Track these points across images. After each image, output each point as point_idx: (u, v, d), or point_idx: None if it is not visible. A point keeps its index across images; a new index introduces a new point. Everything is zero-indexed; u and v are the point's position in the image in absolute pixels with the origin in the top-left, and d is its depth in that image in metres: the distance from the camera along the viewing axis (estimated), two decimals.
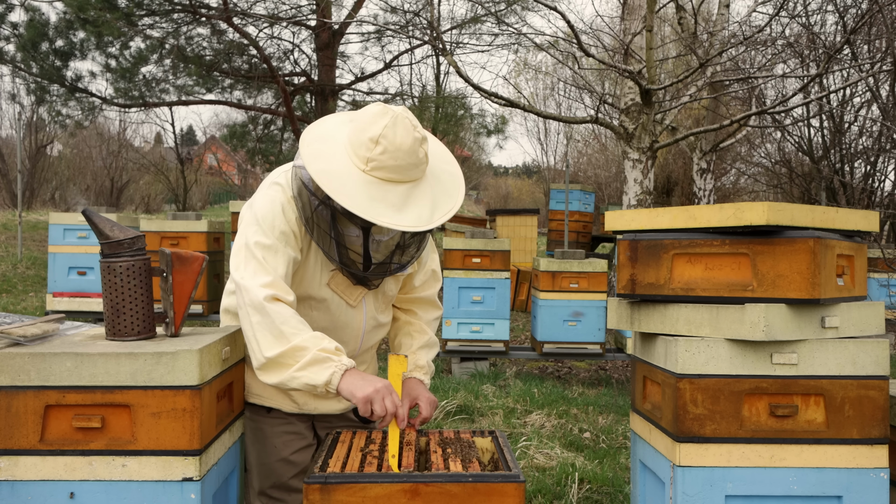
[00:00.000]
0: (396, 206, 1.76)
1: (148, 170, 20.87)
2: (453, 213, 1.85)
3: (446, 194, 1.86)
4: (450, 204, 1.85)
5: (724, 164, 13.82)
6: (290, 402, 2.09)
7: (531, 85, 22.83)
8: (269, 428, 2.12)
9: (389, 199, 1.76)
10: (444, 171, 1.91)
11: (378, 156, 1.76)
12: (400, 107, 1.83)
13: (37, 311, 7.78)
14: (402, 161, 1.76)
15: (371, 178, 1.77)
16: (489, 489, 1.57)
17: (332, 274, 1.98)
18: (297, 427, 2.13)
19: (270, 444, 2.12)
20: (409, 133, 1.76)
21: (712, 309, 1.97)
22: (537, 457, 4.13)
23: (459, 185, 1.91)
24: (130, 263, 1.86)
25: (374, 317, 2.10)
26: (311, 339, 1.79)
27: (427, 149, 1.81)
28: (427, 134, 1.90)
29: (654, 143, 6.88)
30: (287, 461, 2.11)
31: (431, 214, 1.79)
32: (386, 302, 2.13)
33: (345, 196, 1.74)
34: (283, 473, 2.11)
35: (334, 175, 1.76)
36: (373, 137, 1.76)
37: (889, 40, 7.33)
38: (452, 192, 1.89)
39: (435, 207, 1.81)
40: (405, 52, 13.61)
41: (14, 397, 1.64)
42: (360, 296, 2.03)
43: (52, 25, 11.83)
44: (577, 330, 6.30)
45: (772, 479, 1.92)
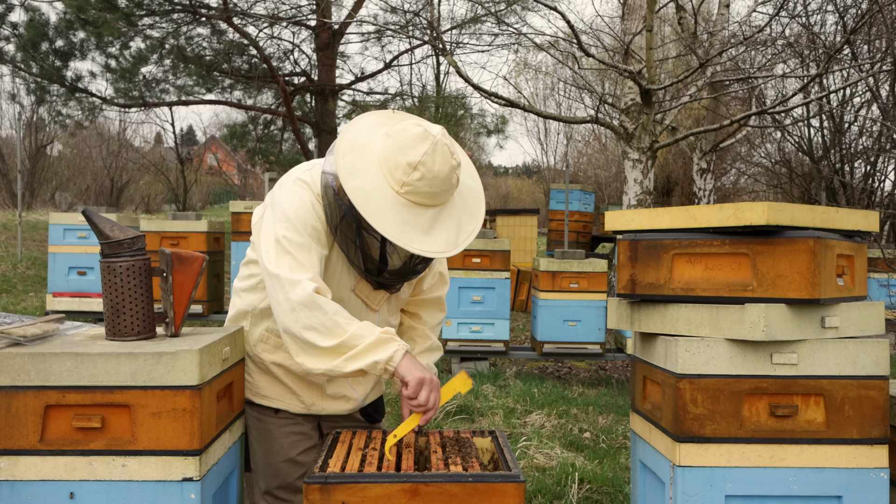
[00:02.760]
0: (425, 229, 1.78)
1: (148, 170, 20.88)
2: (476, 234, 1.87)
3: (469, 213, 1.88)
4: (472, 224, 1.88)
5: (724, 164, 13.82)
6: (298, 403, 2.09)
7: (531, 85, 22.84)
8: (276, 428, 2.12)
9: (419, 224, 1.78)
10: (467, 188, 1.92)
11: (415, 182, 1.77)
12: (438, 128, 1.82)
13: (37, 311, 7.78)
14: (437, 188, 1.78)
15: (404, 201, 1.79)
16: (489, 489, 1.57)
17: (358, 280, 1.99)
18: (303, 427, 2.13)
19: (277, 445, 2.12)
20: (447, 161, 1.77)
21: (712, 309, 1.97)
22: (537, 457, 4.13)
23: (481, 202, 1.93)
24: (130, 263, 1.86)
25: (387, 319, 2.12)
26: (366, 327, 1.81)
27: (459, 172, 1.83)
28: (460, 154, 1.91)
29: (654, 143, 6.88)
30: (294, 462, 2.11)
31: (457, 238, 1.83)
32: (398, 305, 2.16)
33: (379, 220, 1.75)
34: (290, 474, 2.11)
35: (369, 196, 1.76)
36: (411, 163, 1.76)
37: (889, 40, 7.33)
38: (475, 212, 1.91)
39: (460, 229, 1.84)
40: (405, 52, 13.62)
41: (14, 397, 1.64)
42: (381, 300, 2.06)
43: (52, 25, 11.84)
44: (577, 330, 6.30)
45: (772, 479, 1.92)
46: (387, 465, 1.69)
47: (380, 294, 2.04)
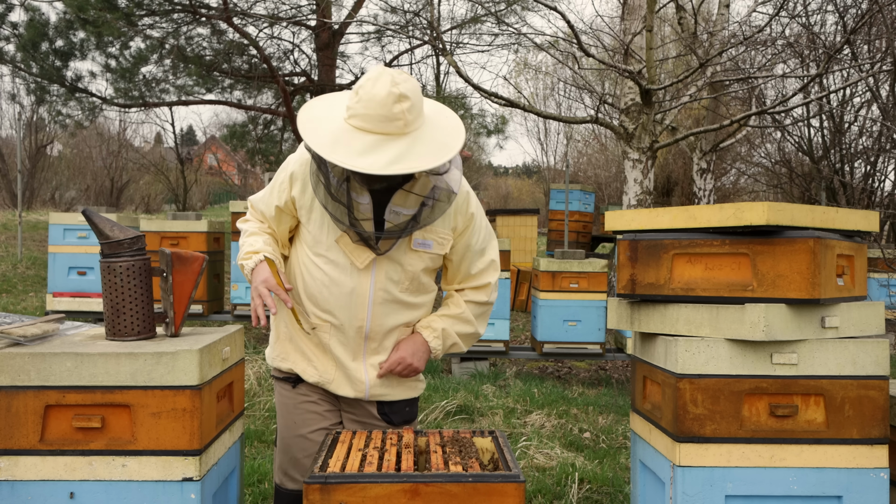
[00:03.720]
0: (358, 151, 1.83)
1: (148, 170, 20.87)
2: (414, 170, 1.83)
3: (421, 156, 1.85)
4: (417, 163, 1.84)
5: (724, 164, 13.82)
6: (312, 370, 2.15)
7: (531, 85, 22.84)
8: (292, 403, 2.19)
9: (354, 145, 1.84)
10: (435, 140, 1.91)
11: (355, 104, 1.87)
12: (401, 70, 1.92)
13: (37, 311, 7.78)
14: (372, 111, 1.83)
15: (346, 126, 1.88)
16: (489, 489, 1.57)
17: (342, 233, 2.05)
18: (320, 408, 2.18)
19: (291, 419, 2.18)
20: (385, 87, 1.83)
21: (712, 309, 1.97)
22: (537, 457, 4.13)
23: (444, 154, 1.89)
24: (130, 263, 1.86)
25: (388, 289, 2.07)
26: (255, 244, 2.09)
27: (407, 108, 1.84)
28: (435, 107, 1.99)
29: (654, 143, 6.88)
30: (304, 438, 2.16)
31: (388, 164, 1.81)
32: (407, 278, 2.10)
33: (314, 137, 1.87)
34: (299, 449, 2.16)
35: (316, 123, 1.92)
36: (356, 88, 1.89)
37: (889, 40, 7.33)
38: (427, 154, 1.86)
39: (397, 161, 1.82)
40: (405, 52, 13.61)
41: (14, 397, 1.64)
42: (366, 259, 2.04)
43: (52, 25, 11.83)
44: (577, 330, 6.30)
45: (772, 479, 1.92)
46: (386, 465, 1.69)
47: (363, 252, 2.04)
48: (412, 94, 1.86)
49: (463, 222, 2.12)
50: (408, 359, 2.11)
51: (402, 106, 1.84)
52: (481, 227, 2.19)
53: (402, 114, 1.84)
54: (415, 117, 1.88)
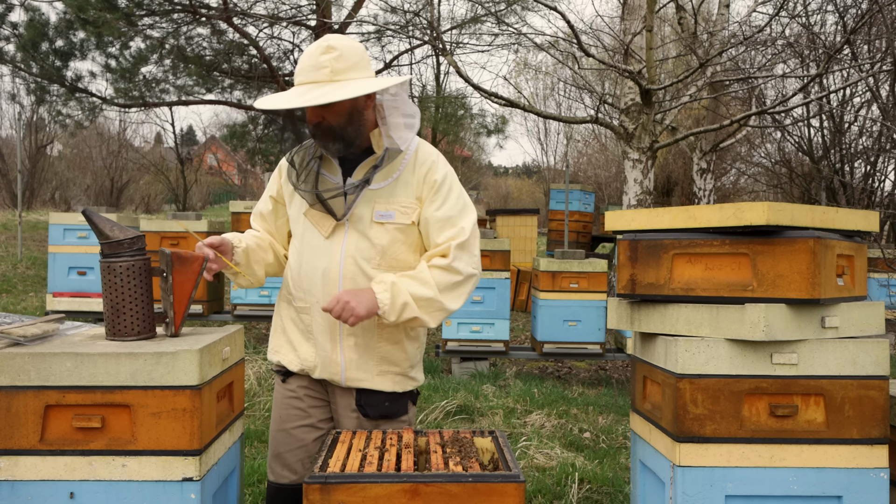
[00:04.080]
0: (289, 96, 2.03)
1: (148, 170, 20.87)
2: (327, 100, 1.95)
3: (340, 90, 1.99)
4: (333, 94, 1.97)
5: (724, 164, 13.82)
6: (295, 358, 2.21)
7: (531, 85, 22.85)
8: (280, 398, 2.26)
9: (288, 94, 2.05)
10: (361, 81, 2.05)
11: (297, 68, 2.07)
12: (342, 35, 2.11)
13: (37, 311, 7.78)
14: (304, 64, 2.04)
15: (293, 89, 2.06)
16: (489, 489, 1.57)
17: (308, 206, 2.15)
18: (304, 403, 2.22)
19: (277, 413, 2.25)
20: (317, 45, 2.05)
21: (712, 309, 1.97)
22: (537, 457, 4.13)
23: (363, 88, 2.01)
24: (130, 263, 1.86)
25: (358, 265, 2.10)
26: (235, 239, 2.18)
27: (333, 57, 2.01)
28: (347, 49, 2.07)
29: (654, 143, 6.88)
30: (287, 433, 2.22)
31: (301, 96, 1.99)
32: (377, 253, 2.10)
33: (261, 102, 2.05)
34: (282, 444, 2.22)
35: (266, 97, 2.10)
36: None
37: (889, 40, 7.33)
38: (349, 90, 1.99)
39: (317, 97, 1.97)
40: (405, 52, 13.61)
41: (14, 397, 1.65)
42: (329, 226, 2.11)
43: (52, 25, 11.83)
44: (577, 330, 6.30)
45: (772, 479, 1.92)
46: (386, 465, 1.69)
47: (327, 220, 2.12)
48: (341, 47, 2.03)
49: (428, 191, 2.13)
50: (346, 297, 1.98)
51: (329, 55, 2.01)
52: (450, 195, 2.13)
53: (329, 62, 2.01)
54: (344, 67, 2.02)
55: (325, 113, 2.05)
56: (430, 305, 2.05)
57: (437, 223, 2.11)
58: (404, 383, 2.21)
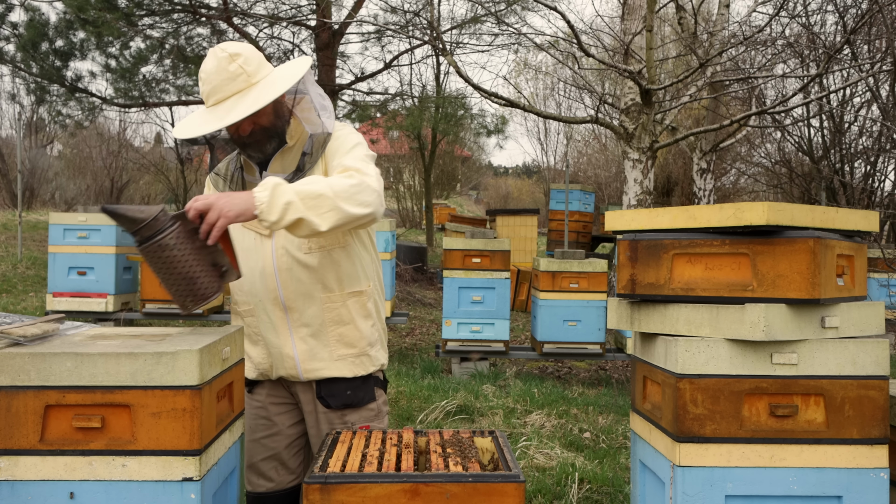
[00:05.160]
0: (220, 116, 1.96)
1: (148, 170, 20.85)
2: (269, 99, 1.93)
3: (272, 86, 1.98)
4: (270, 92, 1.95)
5: (724, 164, 13.82)
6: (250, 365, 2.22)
7: (531, 85, 22.84)
8: (248, 408, 2.26)
9: (217, 115, 1.97)
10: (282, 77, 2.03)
11: (203, 88, 2.00)
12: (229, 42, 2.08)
13: (37, 311, 7.77)
14: (214, 81, 1.97)
15: (209, 109, 2.01)
16: (489, 489, 1.57)
17: None
18: (268, 412, 2.23)
19: (247, 425, 2.26)
20: (215, 57, 1.97)
21: (712, 309, 1.97)
22: (537, 457, 4.13)
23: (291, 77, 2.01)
24: (178, 230, 1.81)
25: (289, 252, 2.08)
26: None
27: (242, 62, 1.97)
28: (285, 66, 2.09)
29: (654, 143, 6.88)
30: (257, 442, 2.24)
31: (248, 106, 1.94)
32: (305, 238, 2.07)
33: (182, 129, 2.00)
34: (253, 454, 2.23)
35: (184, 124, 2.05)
36: (199, 78, 2.01)
37: (889, 40, 7.33)
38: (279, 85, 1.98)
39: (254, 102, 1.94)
40: (405, 52, 13.59)
41: (14, 397, 1.64)
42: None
43: (52, 25, 11.82)
44: (577, 330, 6.30)
45: (772, 479, 1.92)
46: (386, 465, 1.69)
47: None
48: (242, 50, 1.99)
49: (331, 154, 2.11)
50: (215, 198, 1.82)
51: (237, 62, 1.97)
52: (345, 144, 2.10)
53: (241, 68, 1.97)
54: (255, 69, 2.00)
55: (255, 118, 2.01)
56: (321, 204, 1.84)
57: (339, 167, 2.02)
58: (365, 364, 2.16)
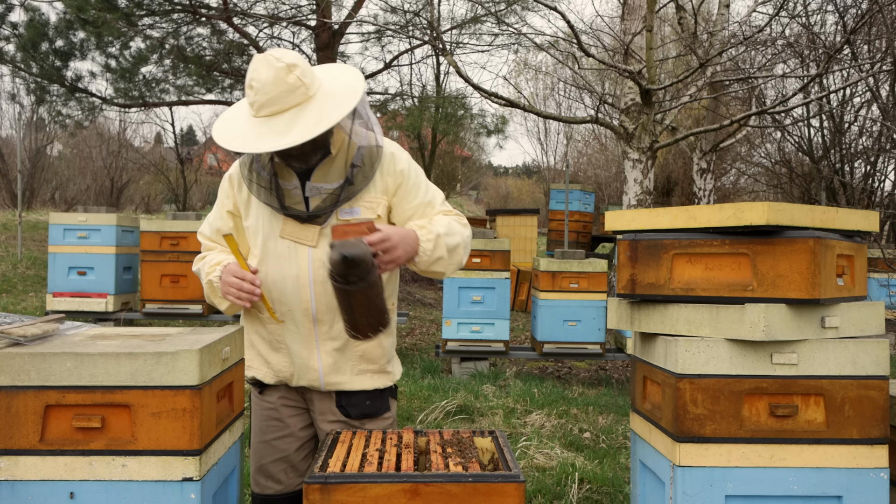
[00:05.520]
0: (282, 131, 1.90)
1: (148, 170, 20.85)
2: (337, 120, 1.90)
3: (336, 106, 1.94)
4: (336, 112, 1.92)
5: (724, 164, 13.82)
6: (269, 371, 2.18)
7: (531, 85, 22.84)
8: (258, 409, 2.23)
9: (276, 129, 1.91)
10: (340, 88, 2.00)
11: (255, 97, 1.93)
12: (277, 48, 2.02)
13: (37, 311, 7.78)
14: (272, 92, 1.90)
15: (260, 119, 1.94)
16: (489, 489, 1.57)
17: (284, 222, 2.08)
18: (280, 414, 2.21)
19: (256, 426, 2.23)
20: (272, 66, 1.90)
21: (712, 309, 1.97)
22: (537, 457, 4.13)
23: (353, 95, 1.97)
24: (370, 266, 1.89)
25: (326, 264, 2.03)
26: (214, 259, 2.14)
27: (300, 73, 1.92)
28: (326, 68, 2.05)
29: (654, 143, 6.88)
30: (267, 444, 2.21)
31: (314, 126, 1.89)
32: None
33: (237, 141, 1.94)
34: (263, 455, 2.21)
35: (229, 129, 1.99)
36: (248, 84, 1.94)
37: (889, 40, 7.33)
38: (344, 102, 1.95)
39: (320, 120, 1.90)
40: (405, 52, 13.60)
41: (14, 397, 1.64)
42: (315, 235, 2.07)
43: (52, 25, 11.82)
44: (577, 330, 6.30)
45: (772, 479, 1.92)
46: (386, 465, 1.69)
47: (310, 229, 2.06)
48: (296, 60, 1.93)
49: (393, 182, 2.11)
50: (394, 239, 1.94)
51: (295, 74, 1.91)
52: (419, 183, 2.14)
53: (299, 80, 1.92)
54: (311, 80, 1.96)
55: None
56: (454, 259, 2.09)
57: (418, 210, 2.13)
58: (383, 379, 2.20)
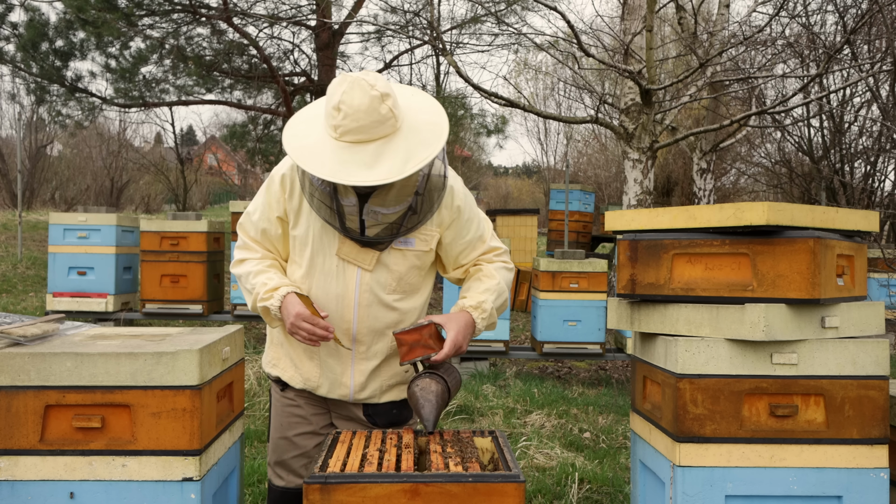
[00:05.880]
0: (368, 163, 1.84)
1: (148, 170, 20.86)
2: (428, 161, 1.85)
3: (423, 144, 1.89)
4: (425, 153, 1.87)
5: (724, 164, 13.82)
6: (298, 376, 2.16)
7: (531, 85, 22.83)
8: (280, 406, 2.21)
9: (360, 160, 1.84)
10: (424, 123, 1.94)
11: (342, 121, 1.84)
12: (364, 71, 1.92)
13: (37, 311, 7.77)
14: (363, 121, 1.83)
15: (343, 144, 1.86)
16: (489, 489, 1.57)
17: (341, 242, 2.03)
18: (304, 411, 2.19)
19: (278, 421, 2.21)
20: (365, 94, 1.83)
21: (712, 309, 1.97)
22: (537, 457, 4.13)
23: (439, 133, 1.92)
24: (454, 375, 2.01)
25: (373, 291, 2.05)
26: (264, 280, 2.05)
27: (391, 104, 1.85)
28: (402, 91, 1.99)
29: (654, 143, 6.88)
30: (289, 440, 2.19)
31: (403, 165, 1.83)
32: (394, 279, 2.07)
33: (316, 165, 1.85)
34: (285, 451, 2.19)
35: (307, 148, 1.89)
36: (335, 105, 1.85)
37: (889, 40, 7.33)
38: (431, 141, 1.90)
39: (409, 158, 1.85)
40: (405, 52, 13.61)
41: (14, 397, 1.64)
42: (373, 259, 2.03)
43: (52, 25, 11.83)
44: (577, 330, 6.30)
45: (772, 479, 1.92)
46: (386, 465, 1.69)
47: (369, 254, 2.03)
48: (389, 89, 1.87)
49: (449, 216, 2.09)
50: (461, 341, 2.00)
51: (387, 104, 1.85)
52: (472, 217, 2.14)
53: (390, 111, 1.86)
54: (399, 110, 1.90)
55: None
56: (502, 310, 2.16)
57: (470, 244, 2.14)
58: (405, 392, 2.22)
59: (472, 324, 2.03)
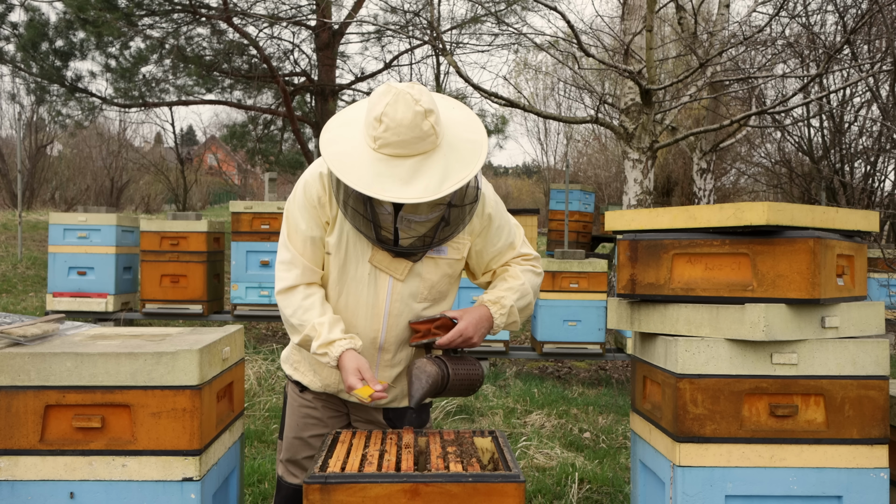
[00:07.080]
0: (404, 179, 1.80)
1: (148, 170, 20.87)
2: (466, 182, 1.83)
3: (461, 163, 1.85)
4: (463, 172, 1.83)
5: (724, 164, 13.81)
6: (317, 380, 2.15)
7: (531, 85, 22.83)
8: (296, 406, 2.20)
9: (397, 174, 1.80)
10: (464, 141, 1.90)
11: (382, 133, 1.80)
12: (409, 83, 1.87)
13: (37, 311, 7.77)
14: (405, 136, 1.80)
15: (380, 156, 1.82)
16: (489, 489, 1.57)
17: (374, 249, 2.00)
18: (321, 414, 2.19)
19: (293, 420, 2.20)
20: (409, 108, 1.79)
21: (712, 309, 1.97)
22: (537, 457, 4.13)
23: (478, 153, 1.89)
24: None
25: (405, 301, 2.03)
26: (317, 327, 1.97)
27: (434, 121, 1.82)
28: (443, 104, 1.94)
29: (654, 143, 6.88)
30: (303, 440, 2.19)
31: (440, 185, 1.80)
32: (426, 288, 2.04)
33: (354, 177, 1.81)
34: (298, 451, 2.19)
35: (345, 157, 1.85)
36: (377, 116, 1.81)
37: (889, 40, 7.33)
38: (469, 161, 1.87)
39: (446, 177, 1.82)
40: (405, 52, 13.61)
41: (14, 397, 1.64)
42: (405, 269, 2.01)
43: (52, 25, 11.83)
44: (577, 330, 6.30)
45: (772, 479, 1.92)
46: (387, 465, 1.69)
47: (402, 263, 2.00)
48: (432, 105, 1.83)
49: (480, 224, 2.06)
50: (470, 332, 1.98)
51: (430, 121, 1.81)
52: (503, 224, 2.12)
53: (432, 128, 1.82)
54: (441, 127, 1.86)
55: None
56: (527, 311, 2.11)
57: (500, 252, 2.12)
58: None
59: (487, 317, 2.01)
